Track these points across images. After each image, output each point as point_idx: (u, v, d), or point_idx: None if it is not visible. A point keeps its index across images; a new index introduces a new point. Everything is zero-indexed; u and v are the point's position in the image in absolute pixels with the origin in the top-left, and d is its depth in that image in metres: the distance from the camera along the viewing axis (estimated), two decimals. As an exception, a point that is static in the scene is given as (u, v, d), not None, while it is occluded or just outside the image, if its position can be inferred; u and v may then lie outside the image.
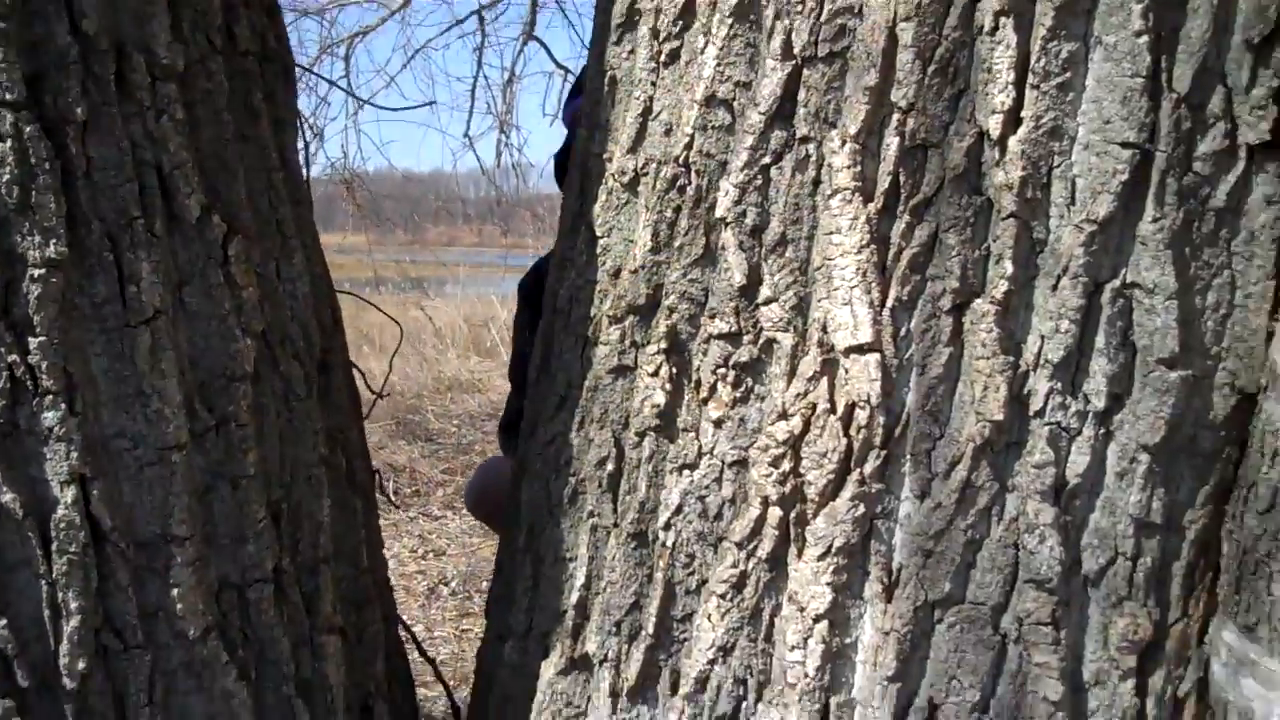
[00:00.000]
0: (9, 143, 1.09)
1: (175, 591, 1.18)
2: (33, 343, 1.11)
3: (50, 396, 1.12)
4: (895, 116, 1.12)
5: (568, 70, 8.23)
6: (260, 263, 1.27)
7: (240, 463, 1.22)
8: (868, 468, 1.14)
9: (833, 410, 1.15)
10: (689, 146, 1.23)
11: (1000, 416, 1.09)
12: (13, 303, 1.11)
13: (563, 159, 2.33)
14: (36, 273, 1.11)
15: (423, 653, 1.64)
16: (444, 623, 5.20)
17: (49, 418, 1.12)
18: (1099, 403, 1.07)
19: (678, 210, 1.24)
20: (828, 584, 1.16)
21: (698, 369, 1.24)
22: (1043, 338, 1.08)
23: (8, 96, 1.09)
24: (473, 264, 14.30)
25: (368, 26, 8.40)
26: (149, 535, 1.18)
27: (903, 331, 1.13)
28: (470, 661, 4.62)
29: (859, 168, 1.14)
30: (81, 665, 1.14)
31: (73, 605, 1.13)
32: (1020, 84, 1.07)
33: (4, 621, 1.12)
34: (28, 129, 1.10)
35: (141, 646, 1.17)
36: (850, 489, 1.15)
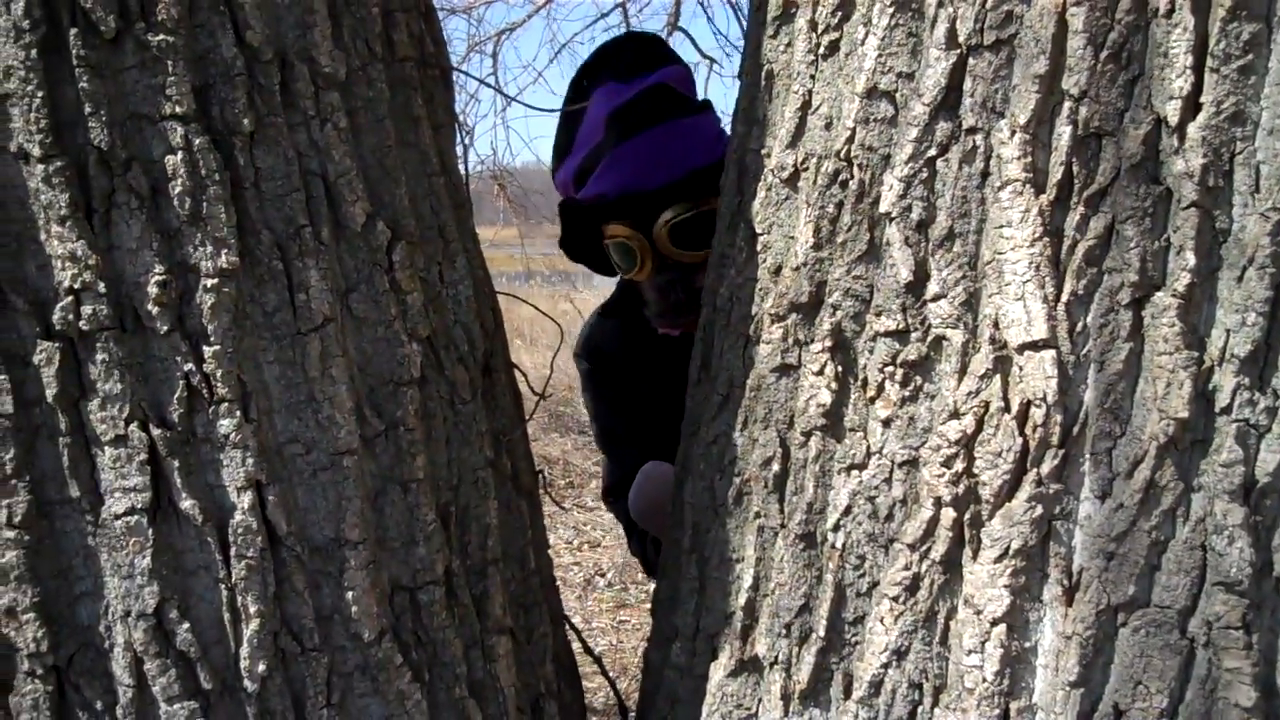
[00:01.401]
0: (180, 155, 1.11)
1: (350, 595, 1.20)
2: (207, 352, 1.13)
3: (225, 404, 1.14)
4: (1067, 105, 1.09)
5: (713, 60, 8.25)
6: (424, 268, 1.28)
7: (409, 466, 1.24)
8: (1045, 467, 1.11)
9: (1007, 409, 1.12)
10: (850, 140, 1.21)
11: (1185, 414, 1.05)
12: (187, 313, 1.13)
13: (572, 243, 2.12)
14: (209, 283, 1.13)
15: (588, 649, 1.64)
16: (601, 614, 5.25)
17: (225, 425, 1.14)
18: (1290, 399, 1.03)
19: (840, 205, 1.22)
20: (1005, 587, 1.13)
21: (864, 367, 1.22)
22: (1228, 331, 1.04)
23: (177, 110, 1.11)
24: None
25: (514, 23, 8.56)
26: (323, 539, 1.20)
27: (1079, 327, 1.10)
28: (628, 652, 4.67)
29: (1030, 158, 1.11)
30: (261, 668, 1.17)
31: (252, 609, 1.16)
32: (1199, 68, 1.03)
33: (186, 625, 1.15)
34: (197, 141, 1.12)
35: (319, 649, 1.19)
36: (1027, 489, 1.12)
